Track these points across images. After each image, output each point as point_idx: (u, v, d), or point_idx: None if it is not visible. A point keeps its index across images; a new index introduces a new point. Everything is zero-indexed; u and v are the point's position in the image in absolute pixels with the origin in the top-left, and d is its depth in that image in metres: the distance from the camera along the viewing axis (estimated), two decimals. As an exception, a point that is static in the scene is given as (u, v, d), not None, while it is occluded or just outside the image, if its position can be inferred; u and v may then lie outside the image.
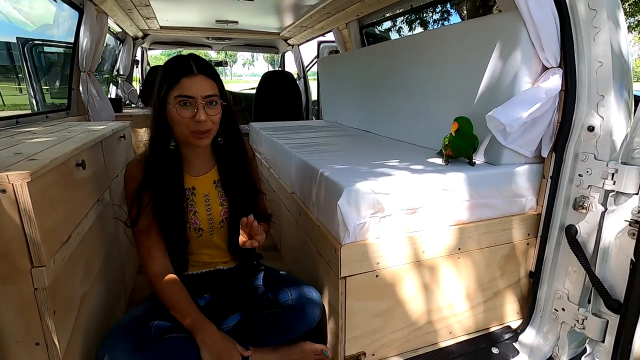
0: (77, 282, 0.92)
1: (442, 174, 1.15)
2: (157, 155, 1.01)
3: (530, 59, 1.15)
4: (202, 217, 1.08)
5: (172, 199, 1.02)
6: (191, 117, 0.96)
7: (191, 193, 1.08)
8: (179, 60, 0.99)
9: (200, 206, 1.08)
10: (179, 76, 0.95)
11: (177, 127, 0.98)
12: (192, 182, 1.08)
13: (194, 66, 0.96)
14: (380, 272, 1.09)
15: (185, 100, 0.95)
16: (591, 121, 1.09)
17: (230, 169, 1.12)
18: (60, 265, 0.81)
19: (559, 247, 1.21)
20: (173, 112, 0.96)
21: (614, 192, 1.05)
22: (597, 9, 1.03)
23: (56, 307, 0.78)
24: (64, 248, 0.84)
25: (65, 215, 0.88)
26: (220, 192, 1.11)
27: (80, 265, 0.95)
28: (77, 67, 2.19)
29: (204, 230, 1.09)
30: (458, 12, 6.67)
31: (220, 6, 2.73)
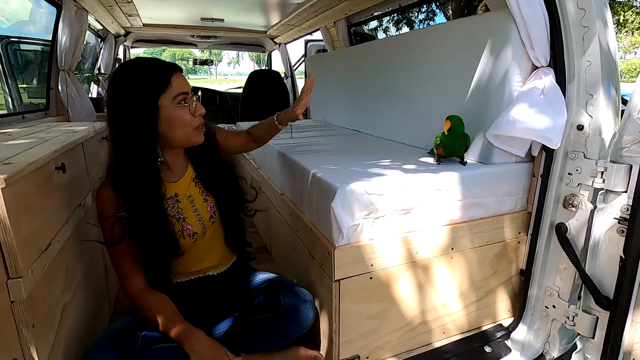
0: (58, 293, 0.87)
1: (435, 174, 1.14)
2: (140, 173, 0.90)
3: (521, 58, 1.15)
4: (192, 220, 1.04)
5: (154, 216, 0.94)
6: (192, 113, 0.93)
7: (175, 201, 1.02)
8: (151, 63, 0.91)
9: (187, 211, 1.04)
10: (167, 76, 0.89)
11: (179, 130, 0.91)
12: (173, 188, 1.02)
13: (169, 65, 0.92)
14: (375, 273, 1.07)
15: (184, 98, 0.91)
16: (580, 120, 1.10)
17: (205, 161, 1.07)
18: (39, 275, 0.77)
19: (549, 245, 1.22)
20: (174, 114, 0.90)
21: (603, 190, 1.06)
22: (586, 9, 1.03)
23: (35, 320, 0.73)
24: (43, 257, 0.79)
25: (44, 221, 0.83)
26: (201, 188, 1.07)
27: (60, 274, 0.90)
28: (56, 65, 2.10)
29: (198, 233, 1.05)
30: (443, 12, 6.74)
31: (206, 3, 2.67)
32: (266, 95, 3.97)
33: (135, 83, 0.87)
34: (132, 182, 0.89)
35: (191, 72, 43.66)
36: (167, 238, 0.97)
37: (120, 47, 3.78)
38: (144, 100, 0.86)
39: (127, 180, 0.89)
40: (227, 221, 1.09)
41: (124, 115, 0.87)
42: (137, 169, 0.89)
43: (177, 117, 0.90)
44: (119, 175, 0.90)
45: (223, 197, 1.08)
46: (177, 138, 0.93)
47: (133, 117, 0.87)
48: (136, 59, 0.92)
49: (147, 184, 0.91)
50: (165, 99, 0.89)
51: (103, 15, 2.64)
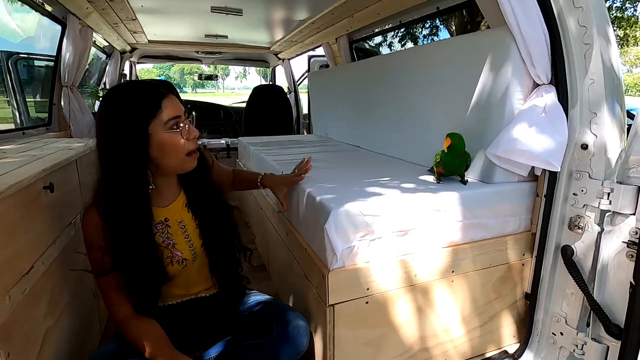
0: (40, 317, 0.84)
1: (433, 194, 1.10)
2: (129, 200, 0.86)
3: (522, 76, 1.13)
4: (182, 246, 1.00)
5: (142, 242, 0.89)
6: (186, 138, 0.88)
7: (165, 226, 0.98)
8: (141, 89, 0.88)
9: (177, 236, 1.00)
10: (158, 101, 0.86)
11: (171, 156, 0.88)
12: (164, 213, 0.98)
13: (160, 88, 0.89)
14: (371, 298, 1.03)
15: (177, 122, 0.87)
16: (584, 139, 1.06)
17: (196, 186, 1.02)
18: (19, 299, 0.74)
19: (555, 268, 1.17)
20: (166, 140, 0.86)
21: (610, 212, 1.01)
22: (587, 26, 1.01)
23: (11, 349, 0.70)
24: (24, 280, 0.77)
25: (27, 243, 0.81)
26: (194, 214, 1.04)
27: (44, 297, 0.87)
28: (59, 81, 2.12)
29: (187, 259, 1.00)
30: (447, 28, 6.80)
31: (210, 20, 2.70)
32: (269, 110, 4.00)
33: (125, 109, 0.85)
34: (121, 208, 0.85)
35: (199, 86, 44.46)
36: (154, 266, 0.93)
37: (127, 62, 3.85)
38: (134, 127, 0.83)
39: (116, 206, 0.85)
40: (212, 250, 1.03)
41: (113, 142, 0.84)
42: (126, 196, 0.85)
43: (169, 143, 0.87)
44: (107, 200, 0.86)
45: (209, 225, 1.02)
46: (169, 165, 0.90)
47: (123, 144, 0.83)
48: (127, 83, 0.91)
49: (136, 211, 0.87)
50: (156, 125, 0.85)
51: (108, 33, 2.69)
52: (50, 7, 1.88)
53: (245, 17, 2.49)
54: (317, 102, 3.00)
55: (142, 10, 2.30)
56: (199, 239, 1.02)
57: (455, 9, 1.78)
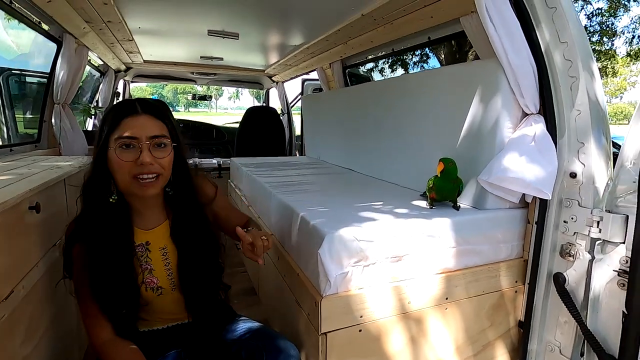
0: (16, 346, 0.80)
1: (427, 219, 1.10)
2: (92, 210, 0.89)
3: (511, 105, 1.16)
4: (160, 274, 0.96)
5: (118, 259, 0.88)
6: (134, 160, 0.86)
7: (145, 249, 0.94)
8: (123, 103, 0.95)
9: (156, 262, 0.96)
10: (120, 117, 0.88)
11: (119, 174, 0.87)
12: (145, 236, 0.95)
13: (138, 106, 0.90)
14: (364, 326, 1.01)
15: (128, 142, 0.86)
16: (573, 168, 1.09)
17: (182, 220, 0.99)
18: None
19: (547, 296, 1.17)
20: (113, 157, 0.86)
21: (600, 240, 1.02)
22: (572, 60, 1.06)
23: (-17, 381, 0.66)
24: (2, 306, 0.73)
25: (8, 265, 0.77)
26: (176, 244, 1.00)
27: (22, 324, 0.83)
28: (51, 99, 2.11)
29: (163, 287, 0.96)
30: (436, 56, 7.04)
31: (205, 43, 2.75)
32: (262, 131, 4.02)
33: (103, 119, 0.93)
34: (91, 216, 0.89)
35: (192, 105, 44.66)
36: (126, 285, 0.90)
37: (121, 81, 3.86)
38: (99, 135, 0.90)
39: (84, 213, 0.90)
40: (186, 284, 0.98)
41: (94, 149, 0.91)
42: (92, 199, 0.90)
43: (114, 160, 0.87)
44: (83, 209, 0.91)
45: (188, 257, 0.98)
46: (118, 182, 0.90)
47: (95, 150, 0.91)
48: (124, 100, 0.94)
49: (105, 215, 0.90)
50: (112, 139, 0.88)
51: (104, 52, 2.70)
52: (47, 26, 1.88)
53: (241, 40, 2.54)
54: (310, 124, 3.03)
55: (140, 32, 2.33)
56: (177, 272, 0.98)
57: (446, 40, 1.85)
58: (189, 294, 0.99)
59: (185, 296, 0.99)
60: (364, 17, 1.79)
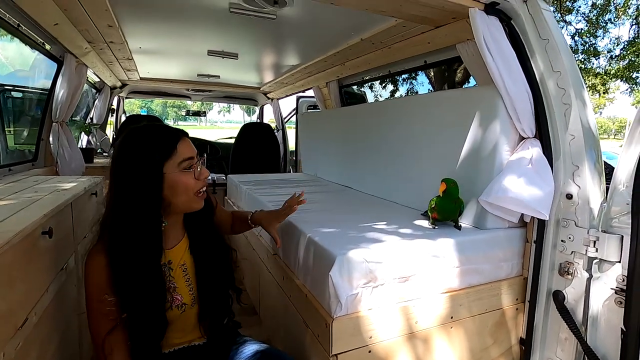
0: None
1: (432, 240, 1.14)
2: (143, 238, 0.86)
3: (508, 129, 1.22)
4: (183, 290, 0.98)
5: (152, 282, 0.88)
6: (195, 178, 0.91)
7: (168, 268, 0.96)
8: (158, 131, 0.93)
9: (178, 280, 0.98)
10: (174, 143, 0.90)
11: (182, 195, 0.90)
12: (168, 256, 0.97)
13: (175, 131, 0.94)
14: (374, 346, 1.02)
15: (191, 163, 0.91)
16: (569, 189, 1.14)
17: (200, 229, 1.03)
18: (11, 357, 0.69)
19: (547, 313, 1.20)
20: (178, 180, 0.89)
21: (597, 259, 1.07)
22: (565, 88, 1.12)
23: (-1, 412, 0.65)
24: (19, 334, 0.72)
25: (23, 293, 0.77)
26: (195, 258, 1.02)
27: (34, 350, 0.82)
28: (50, 117, 2.10)
29: (187, 304, 0.97)
30: (425, 74, 7.25)
31: (204, 62, 2.78)
32: (257, 147, 4.03)
33: (142, 150, 0.88)
34: (134, 246, 0.85)
35: (181, 119, 44.43)
36: (159, 310, 0.90)
37: (115, 97, 3.85)
38: (149, 166, 0.87)
39: (128, 244, 0.85)
40: (205, 296, 1.00)
41: (129, 181, 0.86)
42: (140, 234, 0.86)
43: (181, 183, 0.89)
44: (119, 239, 0.85)
45: (207, 269, 1.01)
46: (179, 203, 0.92)
47: (139, 182, 0.86)
48: (144, 127, 0.93)
49: (149, 250, 0.88)
50: (170, 165, 0.88)
51: (102, 70, 2.71)
52: (49, 45, 1.89)
53: (240, 60, 2.59)
54: (306, 142, 3.07)
55: (140, 51, 2.35)
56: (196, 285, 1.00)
57: (442, 64, 1.92)
58: (205, 307, 1.00)
59: (200, 309, 1.00)
60: (362, 41, 1.86)
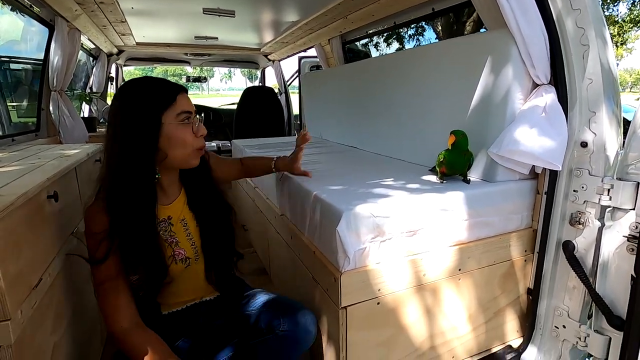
0: (48, 332, 0.82)
1: (440, 194, 1.12)
2: (136, 189, 0.86)
3: (522, 76, 1.15)
4: (185, 245, 0.99)
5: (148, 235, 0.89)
6: (193, 133, 0.91)
7: (168, 224, 0.97)
8: (165, 82, 0.93)
9: (180, 234, 0.99)
10: (174, 94, 0.89)
11: (179, 149, 0.90)
12: (167, 211, 0.98)
13: (176, 84, 0.93)
14: (382, 299, 1.04)
15: (188, 116, 0.90)
16: (584, 137, 1.09)
17: (197, 185, 1.04)
18: (29, 315, 0.71)
19: (556, 263, 1.20)
20: (176, 132, 0.88)
21: (610, 207, 1.04)
22: (585, 27, 1.04)
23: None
24: (34, 294, 0.74)
25: (34, 255, 0.78)
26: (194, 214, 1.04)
27: (51, 311, 0.84)
28: (47, 85, 2.06)
29: (190, 258, 1.00)
30: (433, 29, 6.90)
31: (200, 22, 2.67)
32: (260, 112, 3.97)
33: (141, 97, 0.88)
34: (127, 198, 0.86)
35: (183, 88, 43.66)
36: (157, 261, 0.91)
37: (113, 65, 3.76)
38: (148, 113, 0.86)
39: (122, 196, 0.85)
40: (209, 252, 1.02)
41: (126, 128, 0.86)
42: (133, 185, 0.86)
43: (178, 136, 0.89)
44: (113, 192, 0.86)
45: (208, 224, 1.03)
46: (175, 157, 0.91)
47: (136, 130, 0.86)
48: (144, 77, 0.92)
49: (143, 200, 0.88)
50: (169, 116, 0.88)
51: (96, 35, 2.62)
52: (38, 9, 1.81)
53: (237, 18, 2.47)
54: (310, 103, 3.00)
55: (132, 13, 2.25)
56: (200, 239, 1.02)
57: (450, 11, 1.80)
58: (211, 261, 1.03)
59: (206, 263, 1.03)
60: (365, -11, 1.74)
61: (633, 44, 16.20)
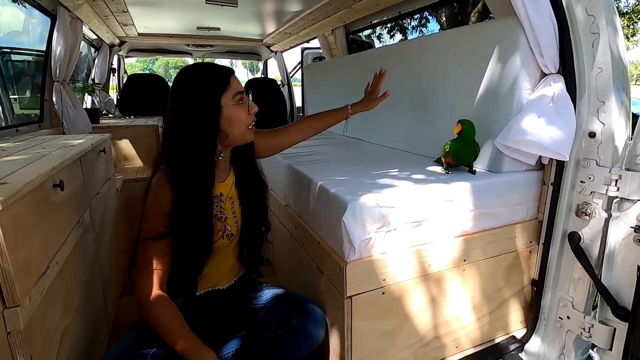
0: (57, 318, 0.82)
1: (446, 184, 1.11)
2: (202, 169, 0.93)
3: (530, 65, 1.14)
4: (231, 222, 1.06)
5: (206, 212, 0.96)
6: (247, 111, 0.98)
7: (219, 200, 1.03)
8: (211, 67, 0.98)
9: (228, 211, 1.05)
10: (227, 76, 0.95)
11: (236, 127, 0.96)
12: (219, 188, 1.04)
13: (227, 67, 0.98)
14: (387, 289, 1.04)
15: (242, 97, 0.97)
16: (592, 127, 1.08)
17: (244, 165, 1.11)
18: (37, 302, 0.72)
19: (562, 255, 1.20)
20: (233, 113, 0.95)
21: (617, 198, 1.04)
22: (596, 15, 1.02)
23: (33, 352, 0.68)
24: (42, 281, 0.75)
25: (42, 243, 0.78)
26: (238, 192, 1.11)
27: (59, 298, 0.85)
28: (50, 76, 2.05)
29: (234, 235, 1.06)
30: (437, 19, 6.81)
31: (202, 12, 2.64)
32: (263, 103, 3.92)
33: (200, 83, 0.93)
34: (192, 177, 0.92)
35: (184, 80, 43.45)
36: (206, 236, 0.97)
37: (115, 56, 3.74)
38: (208, 98, 0.92)
39: (187, 175, 0.92)
40: (248, 231, 1.10)
41: (189, 114, 0.92)
42: (198, 164, 0.93)
43: (236, 115, 0.96)
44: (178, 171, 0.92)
45: (250, 203, 1.10)
46: (235, 136, 0.98)
47: (198, 114, 0.92)
48: (197, 64, 0.99)
49: (205, 178, 0.94)
50: (226, 98, 0.94)
51: (98, 25, 2.60)
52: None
53: (239, 8, 2.44)
54: (313, 94, 2.98)
55: (134, 2, 2.23)
56: (241, 217, 1.09)
57: (455, 0, 1.77)
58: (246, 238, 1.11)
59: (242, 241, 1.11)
60: (370, -23, 1.71)
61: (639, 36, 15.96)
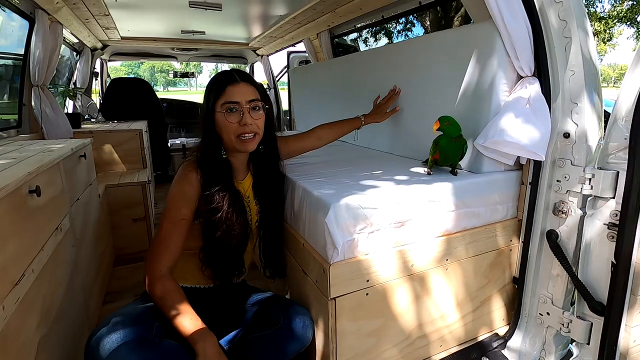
0: (33, 327, 0.80)
1: (428, 185, 1.13)
2: (209, 163, 1.04)
3: (506, 68, 1.17)
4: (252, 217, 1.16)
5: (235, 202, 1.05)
6: (237, 121, 1.02)
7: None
8: (223, 73, 1.07)
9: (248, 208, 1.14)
10: (224, 85, 1.02)
11: (225, 133, 1.03)
12: (238, 186, 1.11)
13: (236, 75, 1.05)
14: (371, 289, 1.05)
15: (232, 106, 1.02)
16: (566, 128, 1.12)
17: (265, 174, 1.18)
18: (12, 311, 0.70)
19: (541, 252, 1.23)
20: (221, 119, 1.03)
21: (591, 196, 1.07)
22: (567, 20, 1.06)
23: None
24: (16, 290, 0.73)
25: (16, 250, 0.76)
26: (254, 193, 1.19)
27: (36, 306, 0.83)
28: (29, 80, 2.01)
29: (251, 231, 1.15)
30: (421, 23, 6.92)
31: (186, 16, 2.63)
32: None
33: (207, 88, 1.07)
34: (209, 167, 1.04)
35: (171, 84, 43.16)
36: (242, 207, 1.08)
37: (97, 60, 3.68)
38: (208, 102, 1.04)
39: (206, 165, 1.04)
40: (267, 232, 1.20)
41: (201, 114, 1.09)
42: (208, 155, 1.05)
43: (223, 122, 1.03)
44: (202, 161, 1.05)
45: (269, 208, 1.19)
46: (225, 140, 1.06)
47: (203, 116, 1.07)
48: (222, 71, 1.10)
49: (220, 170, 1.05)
50: (218, 105, 1.03)
51: (79, 29, 2.56)
52: (17, 1, 1.76)
53: (224, 12, 2.44)
54: (299, 98, 2.99)
55: (116, 5, 2.20)
56: (256, 216, 1.18)
57: (437, 4, 1.81)
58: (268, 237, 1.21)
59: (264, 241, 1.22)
60: (353, -18, 1.74)
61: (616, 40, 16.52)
